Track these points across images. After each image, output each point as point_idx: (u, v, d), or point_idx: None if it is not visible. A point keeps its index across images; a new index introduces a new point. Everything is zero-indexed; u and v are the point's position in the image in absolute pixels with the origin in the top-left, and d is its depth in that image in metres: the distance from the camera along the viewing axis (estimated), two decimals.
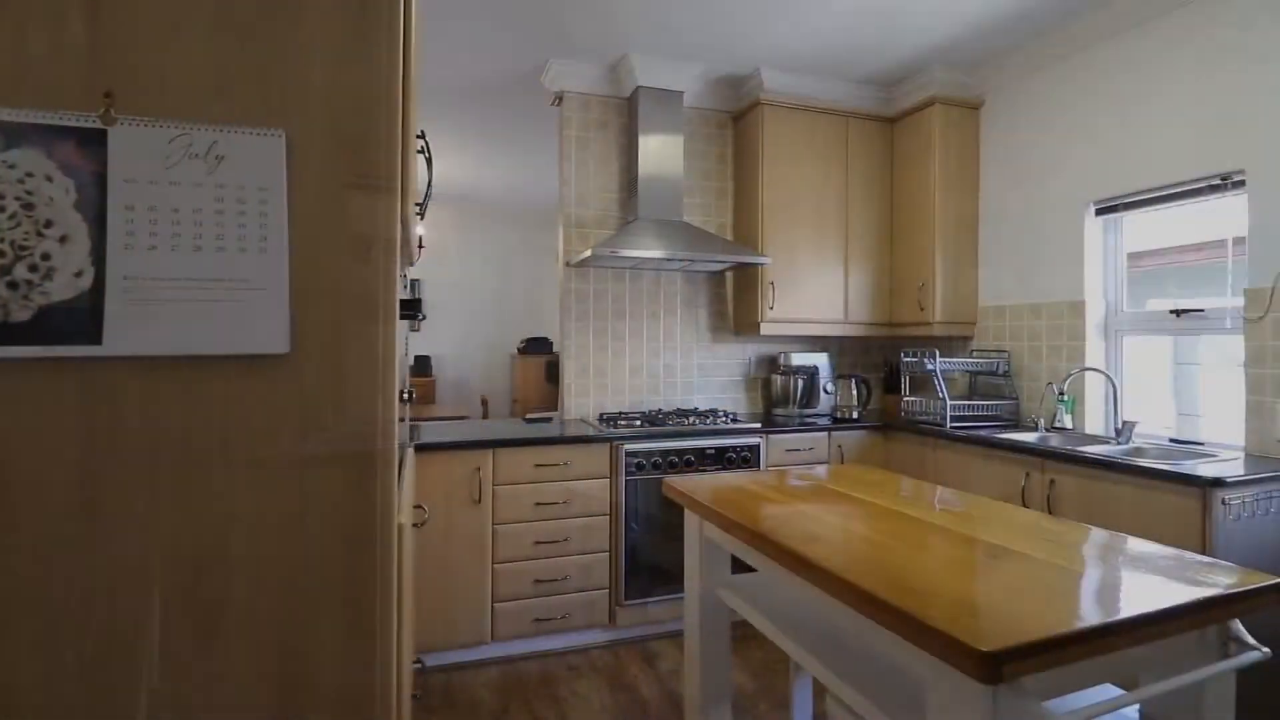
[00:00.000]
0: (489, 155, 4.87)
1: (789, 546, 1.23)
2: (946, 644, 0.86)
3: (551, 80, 3.32)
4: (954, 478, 2.78)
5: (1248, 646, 1.05)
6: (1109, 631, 0.88)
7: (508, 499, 2.61)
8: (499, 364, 7.43)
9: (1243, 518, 1.91)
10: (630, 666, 2.60)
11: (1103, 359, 2.83)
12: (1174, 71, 2.49)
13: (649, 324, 3.48)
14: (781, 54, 3.18)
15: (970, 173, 3.36)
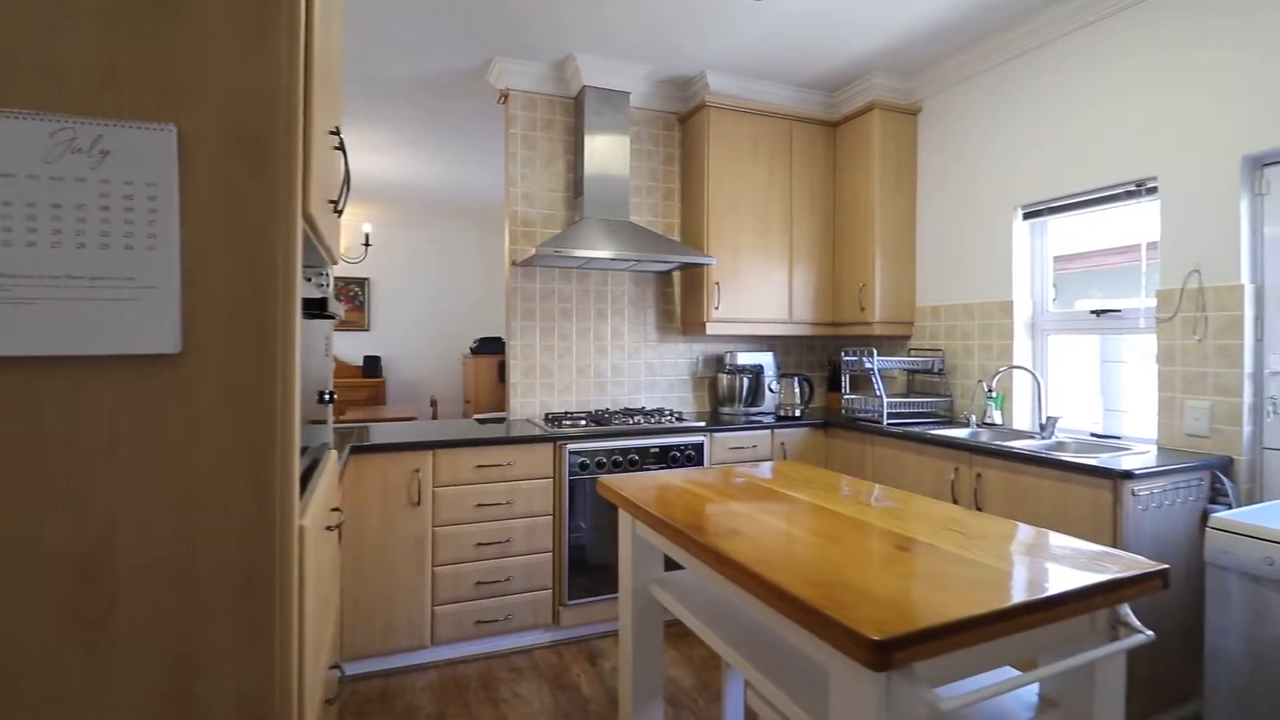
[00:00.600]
0: (439, 153, 4.79)
1: (705, 542, 1.25)
2: (841, 633, 0.88)
3: (497, 78, 3.30)
4: (890, 473, 2.86)
5: (1134, 630, 1.10)
6: (994, 619, 0.92)
7: (448, 501, 2.57)
8: (451, 364, 7.34)
9: (1151, 508, 2.02)
10: (573, 666, 2.60)
11: (1030, 357, 2.95)
12: (1095, 82, 2.61)
13: (596, 324, 3.48)
14: (726, 57, 3.22)
15: (908, 177, 3.45)
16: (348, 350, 6.94)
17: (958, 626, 0.89)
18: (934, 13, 2.77)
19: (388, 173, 5.33)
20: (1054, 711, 1.16)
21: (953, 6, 2.71)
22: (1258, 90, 2.12)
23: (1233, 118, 2.18)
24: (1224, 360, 2.20)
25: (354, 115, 4.01)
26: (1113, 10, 2.52)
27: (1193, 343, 2.28)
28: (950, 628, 0.88)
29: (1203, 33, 2.26)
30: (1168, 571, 1.12)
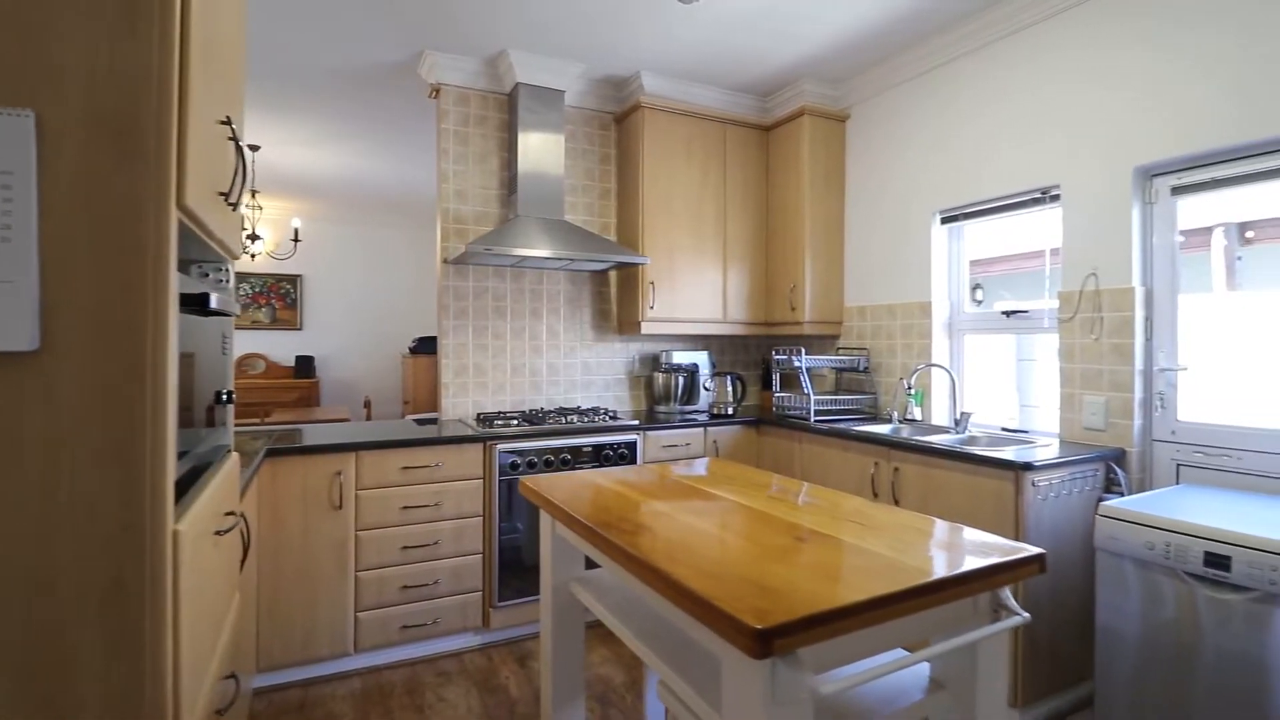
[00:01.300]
0: (373, 147, 4.67)
1: (612, 538, 1.26)
2: (726, 623, 0.91)
3: (428, 72, 3.23)
4: (817, 468, 2.94)
5: (1012, 612, 1.17)
6: (875, 605, 0.96)
7: (372, 503, 2.51)
8: (389, 364, 7.16)
9: (1050, 498, 2.13)
10: (503, 668, 2.57)
11: (947, 356, 3.07)
12: (1005, 94, 2.74)
13: (531, 322, 3.45)
14: (660, 59, 3.25)
15: (837, 181, 3.55)
16: (278, 350, 6.69)
17: (838, 613, 0.92)
18: (859, 24, 2.86)
19: (319, 167, 5.16)
20: (942, 692, 1.21)
21: (876, 18, 2.80)
22: (1147, 107, 2.27)
23: (1126, 131, 2.33)
24: (1118, 358, 2.35)
25: (279, 107, 3.87)
26: (1021, 26, 2.65)
27: (1090, 341, 2.42)
28: (831, 615, 0.92)
29: (1101, 52, 2.40)
30: (1044, 556, 1.19)
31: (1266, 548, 1.55)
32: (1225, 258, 2.46)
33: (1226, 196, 2.20)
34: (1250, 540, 1.57)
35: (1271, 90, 1.97)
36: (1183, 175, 2.25)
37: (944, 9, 2.73)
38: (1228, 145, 2.07)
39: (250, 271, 6.59)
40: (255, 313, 6.68)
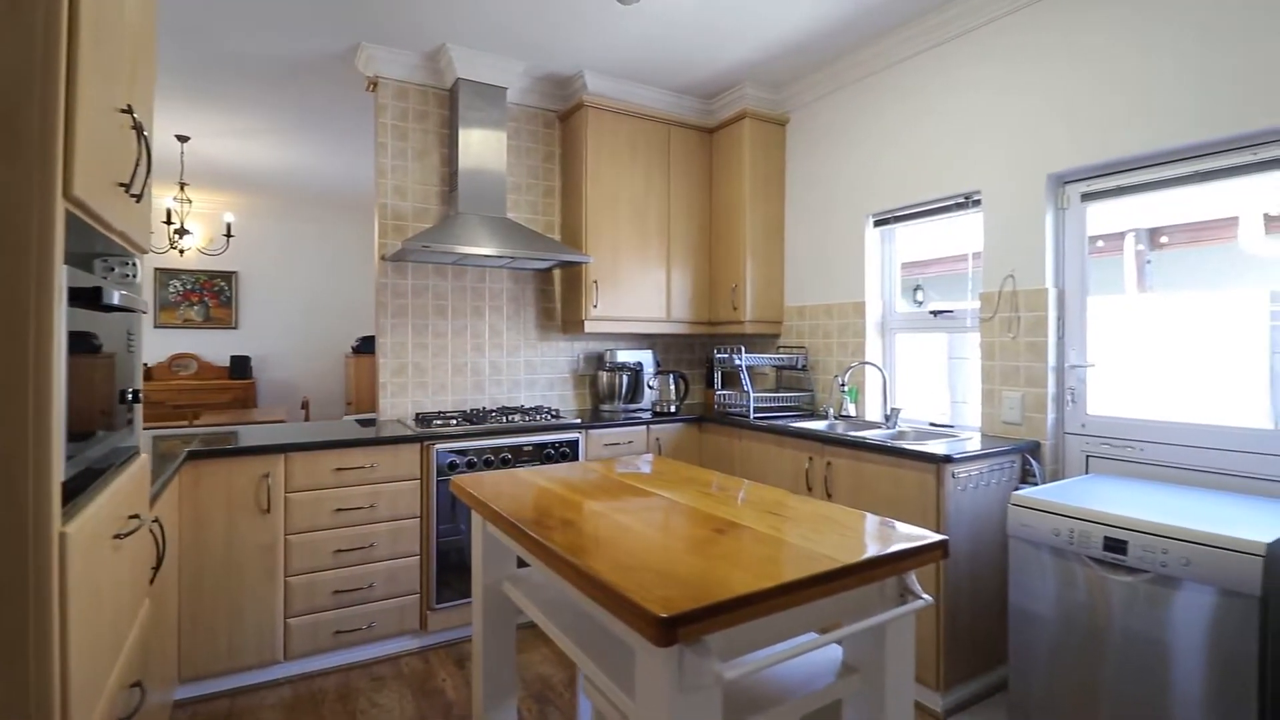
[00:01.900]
0: (309, 140, 4.53)
1: (534, 534, 1.27)
2: (634, 612, 0.92)
3: (365, 64, 3.17)
4: (756, 464, 3.00)
5: (916, 596, 1.22)
6: (779, 592, 1.00)
7: (303, 506, 2.45)
8: (332, 364, 6.96)
9: (969, 489, 2.23)
10: (440, 671, 2.54)
11: (879, 354, 3.18)
12: (933, 101, 2.85)
13: (474, 321, 3.42)
14: (603, 58, 3.26)
15: (777, 184, 3.63)
16: (212, 350, 6.43)
17: (742, 600, 0.95)
18: (794, 31, 2.93)
19: (254, 159, 4.99)
20: (853, 675, 1.26)
21: (811, 26, 2.88)
22: (1060, 117, 2.39)
23: (1041, 140, 2.45)
24: (1033, 355, 2.47)
25: (210, 97, 3.72)
26: (946, 38, 2.76)
27: (1008, 340, 2.55)
28: (735, 602, 0.94)
29: (1020, 64, 2.53)
30: (947, 543, 1.25)
31: (1158, 532, 1.66)
32: (1136, 261, 2.62)
33: (1135, 203, 2.34)
34: (1144, 525, 1.68)
35: (1171, 104, 2.11)
36: (1092, 183, 2.38)
37: (875, 20, 2.82)
38: (1132, 155, 2.21)
39: (181, 268, 6.31)
40: (187, 311, 6.40)
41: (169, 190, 5.61)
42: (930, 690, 2.21)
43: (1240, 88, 1.95)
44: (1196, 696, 1.59)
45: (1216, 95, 2.00)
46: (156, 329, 6.26)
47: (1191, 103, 2.05)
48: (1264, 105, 1.91)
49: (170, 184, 5.36)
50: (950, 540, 2.17)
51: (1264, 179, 2.01)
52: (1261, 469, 1.95)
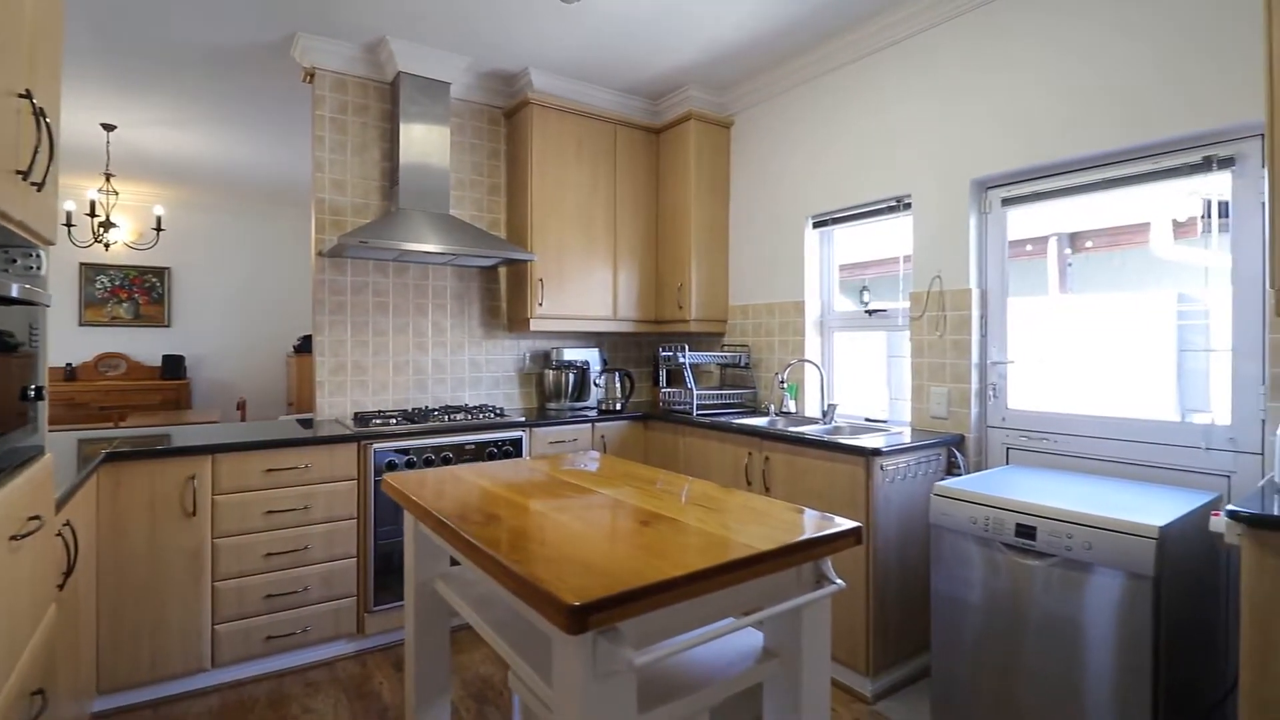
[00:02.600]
0: (246, 131, 4.39)
1: (458, 528, 1.27)
2: (547, 602, 0.94)
3: (302, 55, 3.08)
4: (699, 460, 3.04)
5: (831, 581, 1.27)
6: (693, 579, 1.02)
7: (231, 509, 2.37)
8: (273, 364, 6.75)
9: (897, 480, 2.32)
10: (377, 674, 2.50)
11: (818, 352, 3.27)
12: (869, 107, 2.94)
13: (416, 319, 3.37)
14: (549, 56, 3.25)
15: (722, 185, 3.69)
16: (143, 349, 6.15)
17: (656, 588, 0.98)
18: (737, 34, 2.98)
19: (187, 150, 4.80)
20: (772, 660, 1.30)
21: (754, 28, 2.94)
22: (982, 124, 2.51)
23: (967, 147, 2.56)
24: (958, 353, 2.58)
25: (139, 85, 3.57)
26: (879, 46, 2.86)
27: (935, 338, 2.65)
28: (648, 589, 0.97)
29: (945, 74, 2.63)
30: (860, 530, 1.30)
31: (1063, 518, 1.76)
32: (1058, 264, 2.76)
33: (1056, 208, 2.46)
34: (1050, 512, 1.78)
35: (1081, 115, 2.23)
36: (1011, 188, 2.50)
37: (813, 28, 2.90)
38: (1045, 162, 2.33)
39: (109, 263, 6.02)
40: (115, 308, 6.11)
41: (94, 181, 5.35)
42: (860, 675, 2.28)
43: (1144, 100, 2.08)
44: (1105, 673, 1.69)
45: (1122, 107, 2.13)
46: (82, 327, 5.96)
47: (1100, 114, 2.18)
48: (1164, 117, 2.04)
49: (95, 175, 5.11)
50: (879, 530, 2.25)
51: (1171, 187, 2.14)
52: (1168, 459, 2.08)
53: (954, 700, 1.99)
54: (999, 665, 1.89)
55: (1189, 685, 1.76)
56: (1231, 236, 2.00)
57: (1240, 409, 1.96)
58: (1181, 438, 2.07)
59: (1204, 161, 2.02)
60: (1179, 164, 2.07)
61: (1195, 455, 2.04)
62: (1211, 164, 2.01)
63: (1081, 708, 1.72)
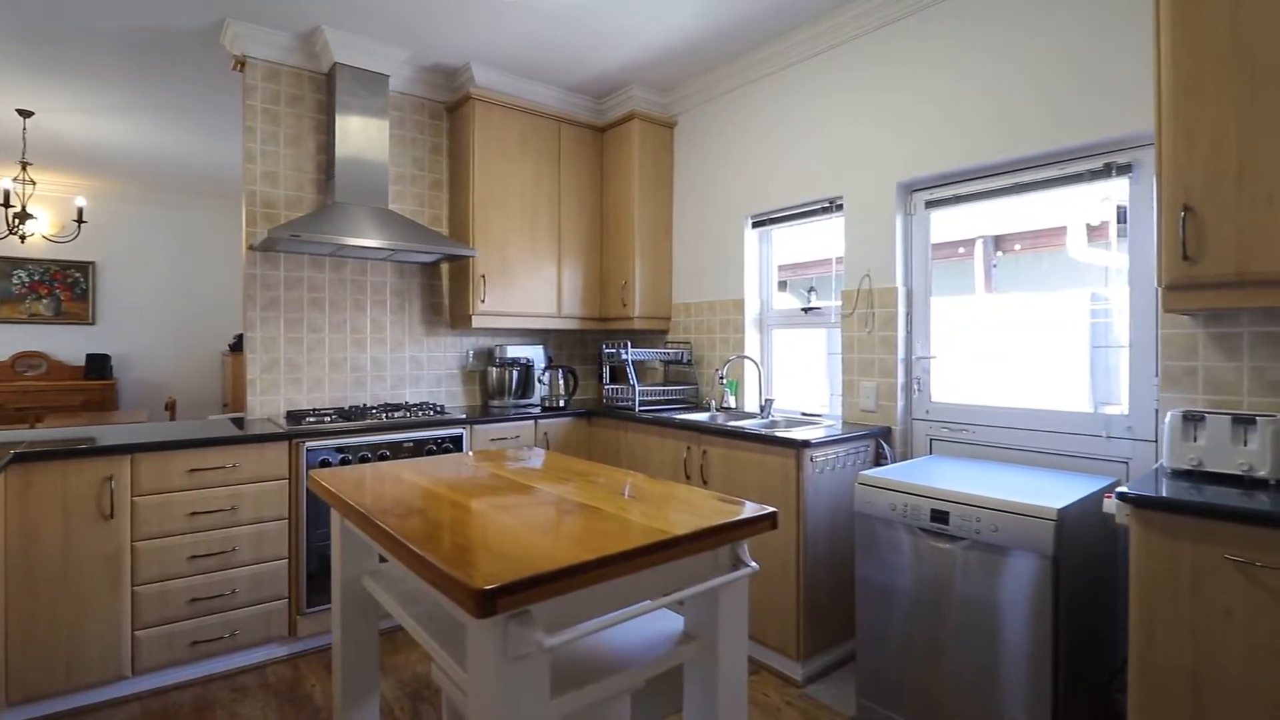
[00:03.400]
0: (176, 121, 4.22)
1: (378, 520, 1.26)
2: (456, 587, 0.95)
3: (231, 43, 2.99)
4: (640, 455, 3.08)
5: (745, 564, 1.31)
6: (605, 562, 1.05)
7: (152, 511, 2.29)
8: (206, 363, 6.50)
9: (826, 471, 2.40)
10: (310, 677, 2.45)
11: (757, 349, 3.35)
12: (805, 110, 3.03)
13: (354, 315, 3.31)
14: (491, 51, 3.24)
15: (665, 184, 3.74)
16: (65, 348, 5.85)
17: (565, 571, 1.00)
18: (679, 34, 3.03)
19: (109, 139, 4.59)
20: (691, 643, 1.34)
21: (693, 30, 2.99)
22: (908, 129, 2.61)
23: (893, 151, 2.67)
24: (885, 349, 2.69)
25: (59, 71, 3.39)
26: (814, 52, 2.95)
27: (865, 334, 2.75)
28: (557, 573, 0.99)
29: (873, 79, 2.74)
30: (775, 515, 1.36)
31: (972, 502, 1.85)
32: (984, 264, 2.89)
33: (979, 211, 2.58)
34: (961, 497, 1.88)
35: (994, 121, 2.36)
36: (933, 191, 2.62)
37: (750, 32, 2.97)
38: (963, 167, 2.45)
39: (27, 256, 5.70)
40: (34, 304, 5.79)
41: (9, 170, 5.06)
42: (791, 660, 2.35)
43: (1052, 110, 2.21)
44: (1015, 650, 1.79)
45: (1032, 116, 2.26)
46: None
47: (1012, 122, 2.31)
48: (1069, 126, 2.17)
49: (10, 163, 4.84)
50: (809, 519, 2.33)
51: (1085, 192, 2.27)
52: (1077, 447, 2.22)
53: (877, 681, 2.08)
54: (919, 645, 1.98)
55: (1088, 658, 1.89)
56: (1129, 239, 2.14)
57: (1137, 399, 2.10)
58: (1089, 427, 2.20)
59: (1105, 168, 2.16)
60: (1083, 170, 2.21)
61: (1099, 444, 2.17)
62: (1112, 170, 2.15)
63: (996, 684, 1.82)
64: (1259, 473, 1.59)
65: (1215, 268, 1.58)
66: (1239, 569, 1.39)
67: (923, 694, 1.97)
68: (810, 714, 2.18)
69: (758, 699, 2.26)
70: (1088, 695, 1.89)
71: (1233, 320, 1.83)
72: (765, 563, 2.42)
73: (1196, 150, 1.60)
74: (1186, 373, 1.91)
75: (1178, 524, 1.46)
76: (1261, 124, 1.50)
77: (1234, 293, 1.58)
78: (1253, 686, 1.36)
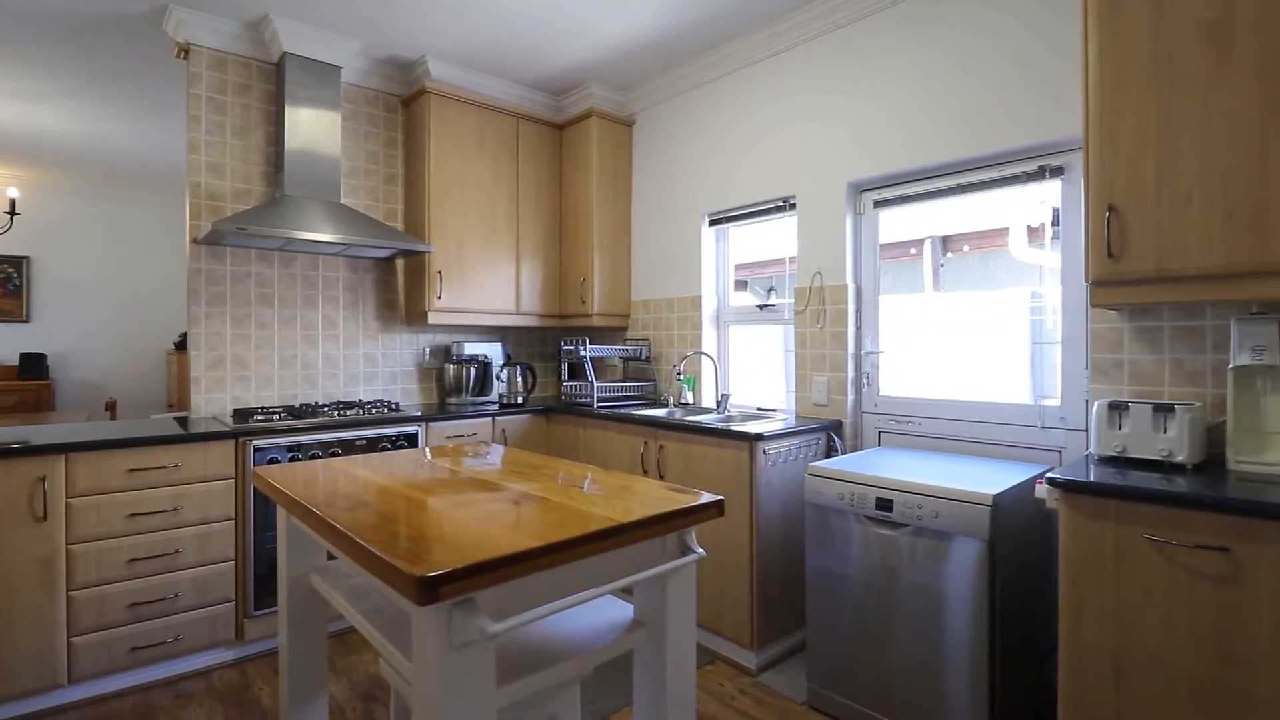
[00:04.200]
0: (118, 109, 4.05)
1: (321, 513, 1.25)
2: (398, 576, 0.95)
3: (175, 29, 2.90)
4: (598, 451, 3.09)
5: (692, 551, 1.34)
6: (550, 550, 1.06)
7: (88, 512, 2.20)
8: (150, 363, 6.27)
9: (779, 463, 2.45)
10: (258, 681, 2.39)
11: (714, 345, 3.39)
12: (759, 111, 3.08)
13: (305, 311, 3.23)
14: (446, 45, 3.20)
15: (624, 182, 3.75)
16: None
17: (510, 559, 1.01)
18: (635, 32, 3.04)
19: (44, 127, 4.39)
20: (641, 629, 1.36)
21: (650, 28, 3.01)
22: (858, 130, 2.68)
23: (843, 151, 2.73)
24: (836, 344, 2.75)
25: None
26: (769, 54, 3.00)
27: (817, 330, 2.82)
28: (502, 560, 1.00)
29: (829, 80, 2.80)
30: (722, 502, 1.38)
31: (915, 490, 1.92)
32: (933, 264, 2.98)
33: (919, 210, 2.66)
34: (904, 486, 1.94)
35: (936, 125, 2.44)
36: (881, 191, 2.69)
37: (705, 33, 3.01)
38: (907, 168, 2.53)
39: None
40: None
41: None
42: (745, 650, 2.40)
43: (989, 115, 2.30)
44: (957, 633, 1.85)
45: (970, 120, 2.34)
46: None
47: (952, 126, 2.39)
48: (1005, 130, 2.26)
49: None
50: (762, 510, 2.37)
51: (1025, 194, 2.35)
52: (1016, 438, 2.31)
53: (828, 667, 2.13)
54: (867, 630, 2.04)
55: (1024, 639, 1.97)
56: (1062, 239, 2.24)
57: (1069, 391, 2.21)
58: (1027, 418, 2.30)
59: (1039, 170, 2.26)
60: (1019, 172, 2.31)
61: (1035, 433, 2.27)
62: (1045, 173, 2.25)
63: (940, 666, 1.88)
64: (1177, 458, 1.69)
65: (1137, 264, 1.67)
66: (1157, 548, 1.47)
67: (871, 678, 2.02)
68: (763, 701, 2.22)
69: (713, 688, 2.29)
70: (1023, 675, 1.97)
71: (1155, 315, 1.94)
72: (719, 554, 2.46)
73: (1120, 152, 1.69)
74: (1114, 365, 2.01)
75: (1102, 507, 1.54)
76: (1179, 127, 1.60)
77: (1155, 288, 1.66)
78: (1169, 660, 1.44)
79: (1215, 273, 1.55)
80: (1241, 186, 1.51)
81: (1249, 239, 1.50)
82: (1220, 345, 1.82)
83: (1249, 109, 1.49)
